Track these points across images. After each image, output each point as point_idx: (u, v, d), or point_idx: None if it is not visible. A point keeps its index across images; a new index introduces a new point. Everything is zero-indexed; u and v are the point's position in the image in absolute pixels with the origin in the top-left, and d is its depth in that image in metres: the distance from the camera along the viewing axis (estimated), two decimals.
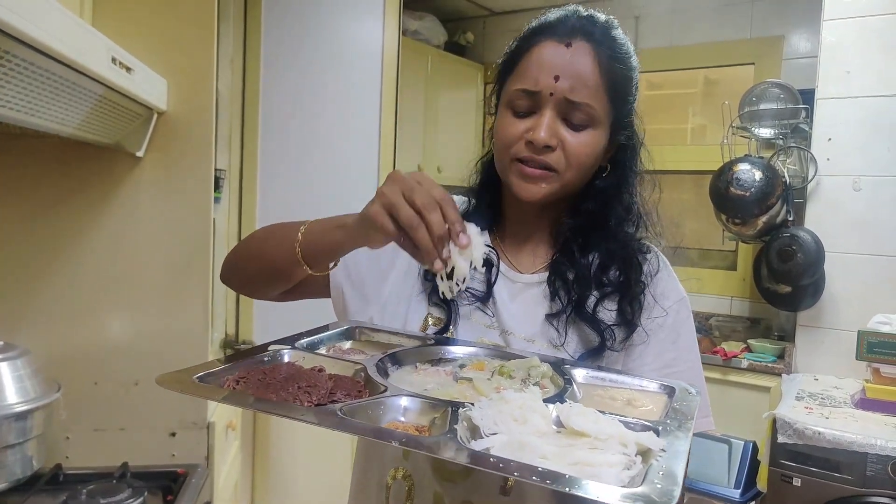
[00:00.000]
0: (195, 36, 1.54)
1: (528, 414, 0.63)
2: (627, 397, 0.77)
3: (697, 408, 0.74)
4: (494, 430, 0.61)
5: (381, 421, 0.65)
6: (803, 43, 2.93)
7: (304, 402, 0.64)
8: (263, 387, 0.66)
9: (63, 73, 1.01)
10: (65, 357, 1.47)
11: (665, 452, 0.59)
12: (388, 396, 0.67)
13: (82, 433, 1.50)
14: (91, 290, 1.50)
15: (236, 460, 1.98)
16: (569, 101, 0.83)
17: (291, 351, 0.80)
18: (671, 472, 0.55)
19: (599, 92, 0.84)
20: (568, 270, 0.89)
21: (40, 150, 1.47)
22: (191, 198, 1.55)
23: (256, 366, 0.73)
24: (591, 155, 0.86)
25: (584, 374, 0.81)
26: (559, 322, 0.88)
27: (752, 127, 2.72)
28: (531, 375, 0.79)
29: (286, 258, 0.84)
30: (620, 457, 0.58)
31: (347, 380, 0.71)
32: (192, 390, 0.65)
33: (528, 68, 0.85)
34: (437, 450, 0.57)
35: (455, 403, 0.65)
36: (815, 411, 2.05)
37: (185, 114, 1.54)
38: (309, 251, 0.83)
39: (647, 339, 0.88)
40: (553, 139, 0.83)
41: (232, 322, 2.21)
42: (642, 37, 3.29)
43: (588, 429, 0.62)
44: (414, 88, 3.15)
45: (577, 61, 0.83)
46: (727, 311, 3.11)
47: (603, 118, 0.85)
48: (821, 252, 2.44)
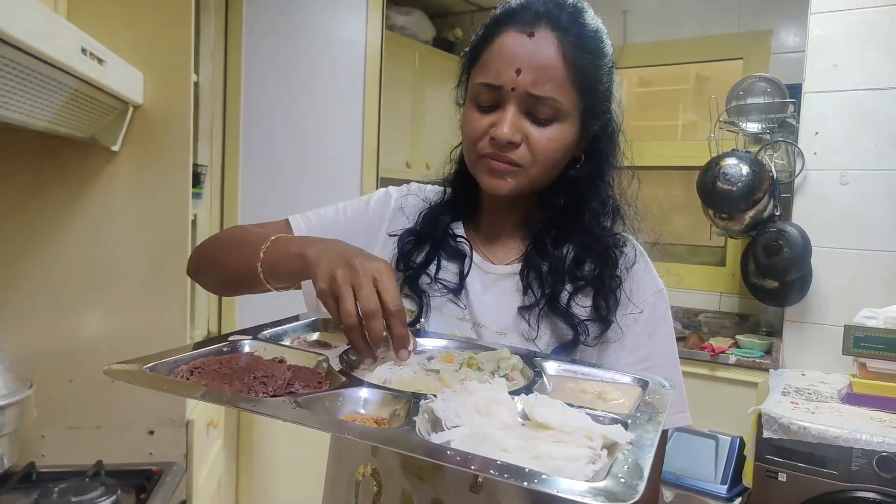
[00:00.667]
0: (172, 28, 1.52)
1: (493, 406, 0.62)
2: (599, 390, 0.75)
3: (671, 402, 0.73)
4: (457, 423, 0.59)
5: (339, 413, 0.63)
6: (791, 37, 2.92)
7: (259, 392, 0.62)
8: (219, 377, 0.65)
9: (31, 65, 0.99)
10: (38, 354, 1.45)
11: (632, 446, 0.57)
12: (346, 388, 0.65)
13: (57, 431, 1.49)
14: (66, 286, 1.48)
15: (219, 458, 1.96)
16: (532, 96, 0.80)
17: (253, 342, 0.78)
18: (636, 466, 0.53)
19: (565, 84, 0.81)
20: (541, 263, 0.88)
21: (15, 143, 1.45)
22: (168, 193, 1.53)
23: (214, 356, 0.71)
24: (558, 149, 0.84)
25: (556, 367, 0.79)
26: (531, 315, 0.86)
27: (739, 121, 2.72)
28: (500, 367, 0.77)
29: (249, 274, 0.82)
30: (585, 450, 0.57)
31: (307, 371, 0.69)
32: (139, 380, 0.63)
33: (490, 61, 0.82)
34: (392, 442, 0.55)
35: (417, 395, 0.64)
36: (800, 406, 2.05)
37: (162, 107, 1.52)
38: (270, 272, 0.81)
39: (621, 336, 0.86)
40: (516, 135, 0.81)
41: (214, 318, 2.19)
42: (631, 31, 3.28)
43: (553, 421, 0.60)
44: (402, 84, 3.13)
45: (540, 52, 0.80)
46: (716, 308, 3.11)
47: (570, 110, 0.83)
48: (807, 246, 2.44)
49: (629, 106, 3.38)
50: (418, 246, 0.92)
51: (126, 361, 0.65)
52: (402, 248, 0.92)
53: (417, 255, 0.92)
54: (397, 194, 0.99)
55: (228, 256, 0.89)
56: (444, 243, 0.92)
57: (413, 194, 0.99)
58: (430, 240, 0.92)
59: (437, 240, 0.92)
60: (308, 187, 2.24)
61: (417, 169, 3.19)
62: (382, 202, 0.98)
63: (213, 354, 0.72)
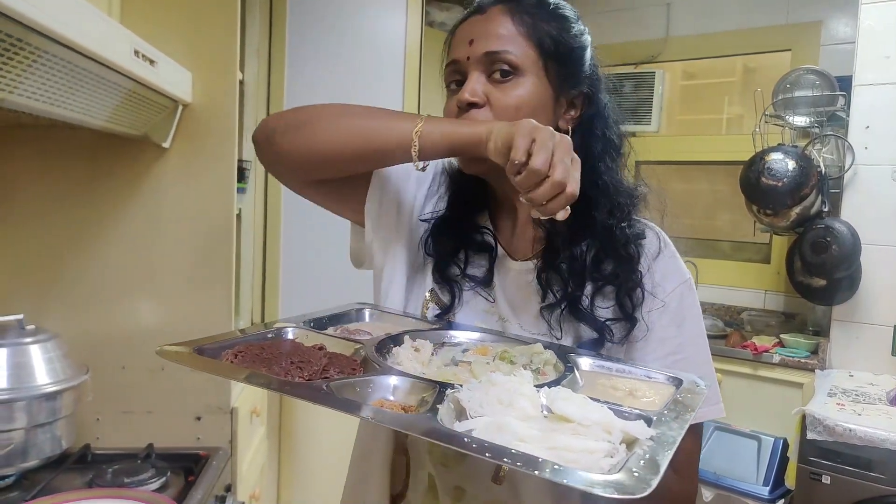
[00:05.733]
0: (219, 29, 1.56)
1: (515, 397, 0.63)
2: (630, 387, 0.75)
3: (703, 400, 0.72)
4: (480, 413, 0.60)
5: (368, 399, 0.65)
6: (841, 28, 2.83)
7: (296, 377, 0.64)
8: (259, 361, 0.67)
9: (86, 66, 1.04)
10: (94, 341, 1.52)
11: (652, 442, 0.57)
12: (377, 375, 0.67)
13: (111, 415, 1.56)
14: (119, 277, 1.55)
15: (262, 445, 2.02)
16: (486, 55, 0.82)
17: (296, 329, 0.80)
18: (653, 462, 0.53)
19: (518, 39, 0.82)
20: (559, 262, 0.85)
21: (71, 141, 1.52)
22: (214, 187, 1.58)
23: (258, 341, 0.74)
24: (522, 105, 0.82)
25: (590, 363, 0.79)
26: (553, 317, 0.85)
27: (786, 115, 2.65)
28: (533, 362, 0.78)
29: (394, 138, 0.80)
30: (603, 444, 0.57)
31: (343, 358, 0.71)
32: (187, 361, 0.66)
33: (450, 46, 0.88)
34: (411, 427, 0.57)
35: (444, 384, 0.65)
36: (847, 408, 2.00)
37: (209, 105, 1.57)
38: (429, 139, 0.79)
39: (647, 332, 0.84)
40: (475, 96, 0.82)
41: (258, 308, 2.25)
42: (674, 25, 3.22)
43: (572, 413, 0.61)
44: (440, 80, 3.15)
45: (490, 21, 0.83)
46: (760, 306, 3.04)
47: (528, 65, 0.82)
48: (857, 244, 2.37)
49: (672, 100, 3.33)
50: (447, 234, 0.92)
51: (177, 343, 0.68)
52: (432, 235, 0.93)
53: (446, 244, 0.92)
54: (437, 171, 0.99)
55: (364, 121, 0.84)
56: (471, 235, 0.92)
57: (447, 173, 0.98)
58: (457, 230, 0.92)
59: (463, 230, 0.92)
60: None
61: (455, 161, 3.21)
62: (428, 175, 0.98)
63: (258, 340, 0.75)
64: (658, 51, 3.11)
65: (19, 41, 0.83)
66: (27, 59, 0.88)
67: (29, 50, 0.86)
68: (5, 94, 0.91)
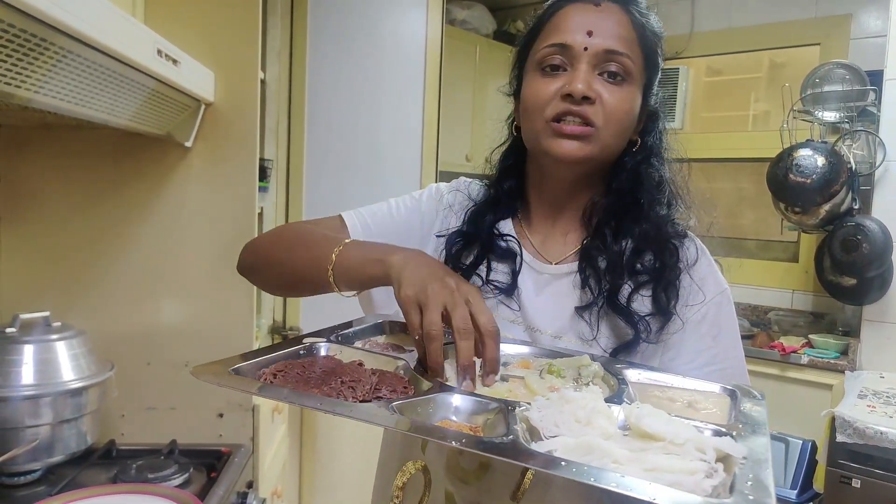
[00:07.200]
0: (241, 29, 1.57)
1: (593, 415, 0.59)
2: (688, 399, 0.72)
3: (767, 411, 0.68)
4: (555, 433, 0.57)
5: (432, 419, 0.62)
6: (872, 21, 2.76)
7: (349, 397, 0.62)
8: (303, 381, 0.65)
9: (110, 66, 1.05)
10: (118, 338, 1.54)
11: (746, 460, 0.54)
12: (438, 393, 0.65)
13: (136, 411, 1.57)
14: (143, 275, 1.57)
15: (284, 442, 2.03)
16: (606, 52, 0.80)
17: (328, 344, 0.78)
18: (760, 483, 0.50)
19: (635, 45, 0.82)
20: (600, 257, 0.85)
21: (96, 140, 1.54)
22: (237, 186, 1.59)
23: (292, 359, 0.72)
24: (628, 112, 0.82)
25: (637, 375, 0.76)
26: (590, 315, 0.84)
27: (815, 110, 2.59)
28: (582, 375, 0.74)
29: (315, 276, 0.80)
30: (700, 463, 0.53)
31: (392, 375, 0.69)
32: (227, 382, 0.64)
33: (557, 27, 0.83)
34: (507, 454, 0.53)
35: (510, 403, 0.62)
36: (878, 410, 1.95)
37: (231, 105, 1.58)
38: (343, 275, 0.78)
39: (683, 328, 0.83)
40: (591, 91, 0.79)
41: (280, 308, 2.27)
42: (698, 19, 3.16)
43: (662, 431, 0.57)
44: (462, 78, 3.14)
45: (610, 18, 0.81)
46: (788, 305, 2.98)
47: (637, 75, 0.83)
48: (888, 242, 2.31)
49: (696, 96, 3.27)
50: (466, 247, 0.90)
51: (209, 364, 0.65)
52: (450, 250, 0.90)
53: (466, 256, 0.90)
54: (447, 190, 0.98)
55: (292, 256, 0.87)
56: (492, 243, 0.89)
57: (460, 191, 0.97)
58: (477, 240, 0.90)
59: (483, 240, 0.89)
60: (368, 180, 2.29)
61: (477, 162, 3.15)
62: (434, 199, 0.97)
63: (292, 357, 0.73)
64: (682, 47, 3.06)
65: (44, 41, 0.84)
66: (52, 59, 0.89)
67: (54, 50, 0.87)
68: (31, 94, 0.92)
